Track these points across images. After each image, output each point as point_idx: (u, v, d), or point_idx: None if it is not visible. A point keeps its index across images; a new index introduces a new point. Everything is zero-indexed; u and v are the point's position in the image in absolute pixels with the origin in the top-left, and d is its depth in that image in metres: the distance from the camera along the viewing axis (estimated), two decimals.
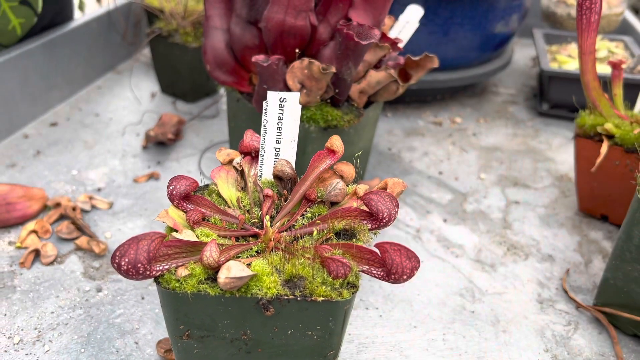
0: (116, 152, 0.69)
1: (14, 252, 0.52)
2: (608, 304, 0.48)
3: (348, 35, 0.44)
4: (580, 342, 0.47)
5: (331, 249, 0.32)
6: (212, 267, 0.30)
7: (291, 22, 0.47)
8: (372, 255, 0.32)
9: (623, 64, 0.61)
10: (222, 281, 0.29)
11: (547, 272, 0.55)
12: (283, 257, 0.32)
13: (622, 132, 0.56)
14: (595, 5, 0.53)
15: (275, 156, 0.39)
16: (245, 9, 0.49)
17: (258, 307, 0.31)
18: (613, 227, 0.61)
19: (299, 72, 0.47)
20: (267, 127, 0.38)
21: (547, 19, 1.02)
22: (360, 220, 0.34)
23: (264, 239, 0.34)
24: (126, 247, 0.29)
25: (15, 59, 0.68)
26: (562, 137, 0.80)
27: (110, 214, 0.58)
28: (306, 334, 0.32)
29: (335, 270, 0.31)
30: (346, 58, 0.46)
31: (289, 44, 0.48)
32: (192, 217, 0.33)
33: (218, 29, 0.51)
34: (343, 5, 0.47)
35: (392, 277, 0.31)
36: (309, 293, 0.31)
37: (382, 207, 0.33)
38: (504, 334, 0.47)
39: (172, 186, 0.35)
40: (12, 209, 0.54)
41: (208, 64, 0.53)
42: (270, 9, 0.46)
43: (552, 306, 0.51)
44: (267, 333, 0.32)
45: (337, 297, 0.31)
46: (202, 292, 0.30)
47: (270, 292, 0.30)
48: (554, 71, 0.81)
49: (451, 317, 0.49)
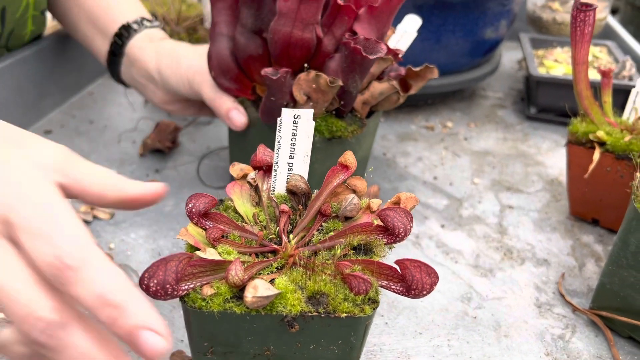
0: (114, 160, 0.68)
1: None
2: (604, 308, 0.50)
3: (355, 50, 0.45)
4: (579, 345, 0.48)
5: (351, 265, 0.33)
6: (237, 286, 0.31)
7: (298, 35, 0.47)
8: (391, 271, 0.33)
9: (612, 71, 0.63)
10: (249, 300, 0.30)
11: (543, 276, 0.56)
12: (304, 274, 0.33)
13: (613, 140, 0.58)
14: (589, 18, 0.55)
15: (288, 171, 0.40)
16: (250, 19, 0.49)
17: (283, 324, 0.32)
18: (604, 231, 0.63)
19: (305, 84, 0.48)
20: (281, 143, 0.39)
21: (533, 23, 1.04)
22: (376, 235, 0.35)
23: (283, 255, 0.35)
24: (154, 269, 0.29)
25: (9, 67, 0.67)
26: (551, 141, 0.82)
27: (112, 224, 0.58)
28: (328, 349, 0.33)
29: (356, 287, 0.32)
30: (353, 71, 0.47)
31: (294, 55, 0.49)
32: (212, 235, 0.34)
33: (224, 36, 0.52)
34: (348, 18, 0.48)
35: (412, 292, 0.32)
36: (332, 309, 0.32)
37: (398, 222, 0.34)
38: (505, 339, 0.49)
39: (192, 204, 0.35)
40: None
41: (212, 69, 0.53)
42: (277, 21, 0.47)
43: (550, 310, 0.52)
44: (290, 348, 0.33)
45: (359, 313, 0.32)
46: (229, 310, 0.31)
47: (294, 309, 0.31)
48: (542, 76, 0.83)
49: (454, 323, 0.50)
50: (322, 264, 0.34)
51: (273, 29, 0.48)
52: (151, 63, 0.60)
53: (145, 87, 0.62)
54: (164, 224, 0.59)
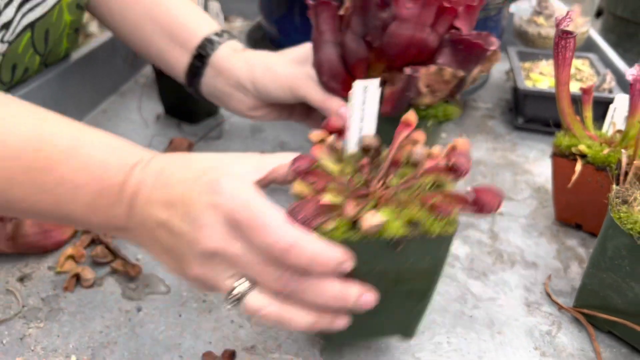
0: None
1: (54, 277, 0.57)
2: (586, 306, 0.56)
3: (476, 44, 0.55)
4: (564, 340, 0.54)
5: (433, 196, 0.42)
6: (351, 220, 0.39)
7: (419, 36, 0.55)
8: (463, 199, 0.41)
9: (592, 87, 0.69)
10: (364, 228, 0.38)
11: (532, 278, 0.62)
12: (396, 208, 0.41)
13: (593, 152, 0.64)
14: (570, 44, 0.61)
15: (359, 132, 0.48)
16: (360, 27, 0.57)
17: (389, 246, 0.40)
18: (586, 235, 0.69)
19: (427, 78, 0.57)
20: (354, 108, 0.47)
21: (520, 36, 1.10)
22: (444, 174, 0.44)
23: (374, 197, 0.43)
24: (301, 206, 0.39)
25: (36, 89, 0.72)
26: (538, 150, 0.88)
27: None
28: (423, 261, 0.42)
29: (441, 212, 0.40)
30: (469, 62, 0.57)
31: (410, 54, 0.57)
32: (318, 186, 0.42)
33: (330, 43, 0.59)
34: (450, 17, 0.56)
35: (484, 211, 0.41)
36: (425, 231, 0.40)
37: (463, 161, 0.44)
38: (499, 335, 0.54)
39: (298, 164, 0.42)
40: (48, 236, 0.59)
41: (324, 74, 0.60)
42: (400, 26, 0.55)
43: (538, 309, 0.58)
44: (394, 265, 0.42)
45: (445, 232, 0.40)
46: (348, 239, 0.39)
47: (398, 233, 0.39)
48: (529, 90, 0.89)
49: (453, 322, 0.56)
50: (409, 198, 0.42)
51: (394, 32, 0.55)
52: (242, 72, 0.65)
53: (231, 96, 0.68)
54: None
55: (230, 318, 0.54)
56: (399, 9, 0.54)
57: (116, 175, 0.41)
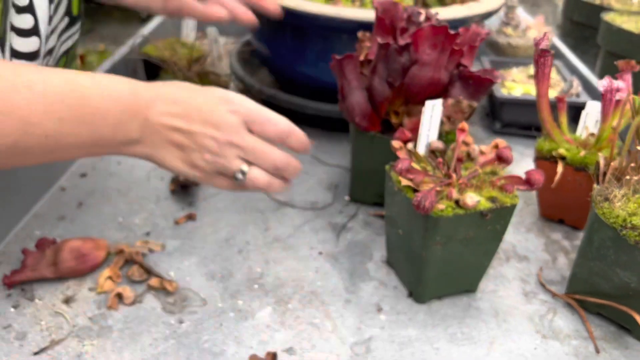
0: (150, 197, 0.78)
1: (96, 297, 0.61)
2: (577, 292, 0.63)
3: (486, 79, 0.66)
4: (560, 323, 0.62)
5: (499, 180, 0.59)
6: (453, 200, 0.56)
7: (437, 77, 0.67)
8: (518, 178, 0.59)
9: (565, 96, 0.77)
10: (470, 205, 0.56)
11: (526, 270, 0.70)
12: (476, 189, 0.59)
13: (571, 155, 0.72)
14: (547, 61, 0.69)
15: (427, 139, 0.64)
16: (385, 72, 0.68)
17: (480, 216, 0.57)
18: (569, 228, 0.77)
19: (446, 109, 0.69)
20: (424, 122, 0.63)
21: (491, 46, 1.19)
22: (497, 164, 0.62)
23: (456, 184, 0.59)
24: (426, 195, 0.54)
25: None
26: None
27: (165, 254, 0.68)
28: (498, 225, 0.59)
29: (508, 190, 0.59)
30: (479, 93, 0.69)
31: (427, 91, 0.68)
32: (417, 179, 0.58)
33: (358, 89, 0.71)
34: (458, 56, 0.67)
35: (533, 186, 0.58)
36: (501, 204, 0.57)
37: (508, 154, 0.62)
38: (504, 323, 0.61)
39: (400, 165, 0.57)
40: (86, 260, 0.63)
41: (356, 116, 0.72)
42: (421, 69, 0.66)
43: (534, 297, 0.65)
44: (481, 230, 0.58)
45: (513, 202, 0.58)
46: (457, 214, 0.56)
47: (486, 206, 0.57)
48: (505, 97, 0.97)
49: (462, 314, 0.62)
50: (480, 183, 0.59)
51: (415, 75, 0.66)
52: None
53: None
54: (209, 251, 0.69)
55: (266, 324, 0.59)
56: (420, 55, 0.65)
57: (128, 97, 0.53)
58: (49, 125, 0.48)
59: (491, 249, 0.62)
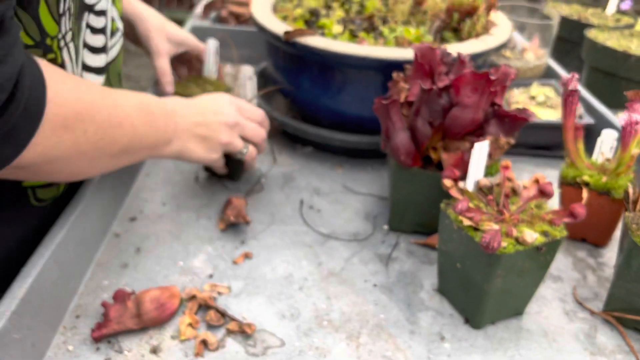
0: (204, 238, 0.81)
1: (180, 345, 0.64)
2: (615, 310, 0.70)
3: (521, 117, 0.73)
4: (603, 339, 0.69)
5: (547, 214, 0.66)
6: (512, 237, 0.62)
7: (477, 117, 0.73)
8: (564, 212, 0.66)
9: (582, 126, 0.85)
10: (529, 242, 0.62)
11: (562, 290, 0.76)
12: (527, 224, 0.65)
13: (594, 181, 0.80)
14: (575, 99, 0.76)
15: (475, 176, 0.69)
16: (427, 114, 0.74)
17: (537, 250, 0.64)
18: (591, 246, 0.85)
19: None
20: (472, 160, 0.68)
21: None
22: (539, 198, 0.68)
23: (508, 220, 0.65)
24: (494, 236, 0.60)
25: None
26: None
27: (233, 296, 0.71)
28: (546, 257, 0.66)
29: (556, 223, 0.65)
30: (514, 130, 0.74)
31: (467, 130, 0.75)
32: (476, 217, 0.64)
33: (402, 130, 0.77)
34: (493, 96, 0.73)
35: (577, 219, 0.65)
36: (552, 237, 0.64)
37: (550, 189, 0.68)
38: (554, 343, 0.68)
39: (460, 206, 0.63)
40: (165, 309, 0.66)
41: (401, 155, 0.77)
42: (462, 111, 0.73)
43: (574, 316, 0.72)
44: (535, 261, 0.65)
45: (561, 235, 0.64)
46: (518, 250, 0.62)
47: (541, 241, 0.63)
48: None
49: (516, 336, 0.68)
50: (530, 218, 0.66)
51: (457, 116, 0.73)
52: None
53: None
54: (273, 289, 0.73)
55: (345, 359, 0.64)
56: (461, 98, 0.71)
57: (164, 108, 0.73)
58: (141, 129, 0.67)
59: (540, 276, 0.69)
